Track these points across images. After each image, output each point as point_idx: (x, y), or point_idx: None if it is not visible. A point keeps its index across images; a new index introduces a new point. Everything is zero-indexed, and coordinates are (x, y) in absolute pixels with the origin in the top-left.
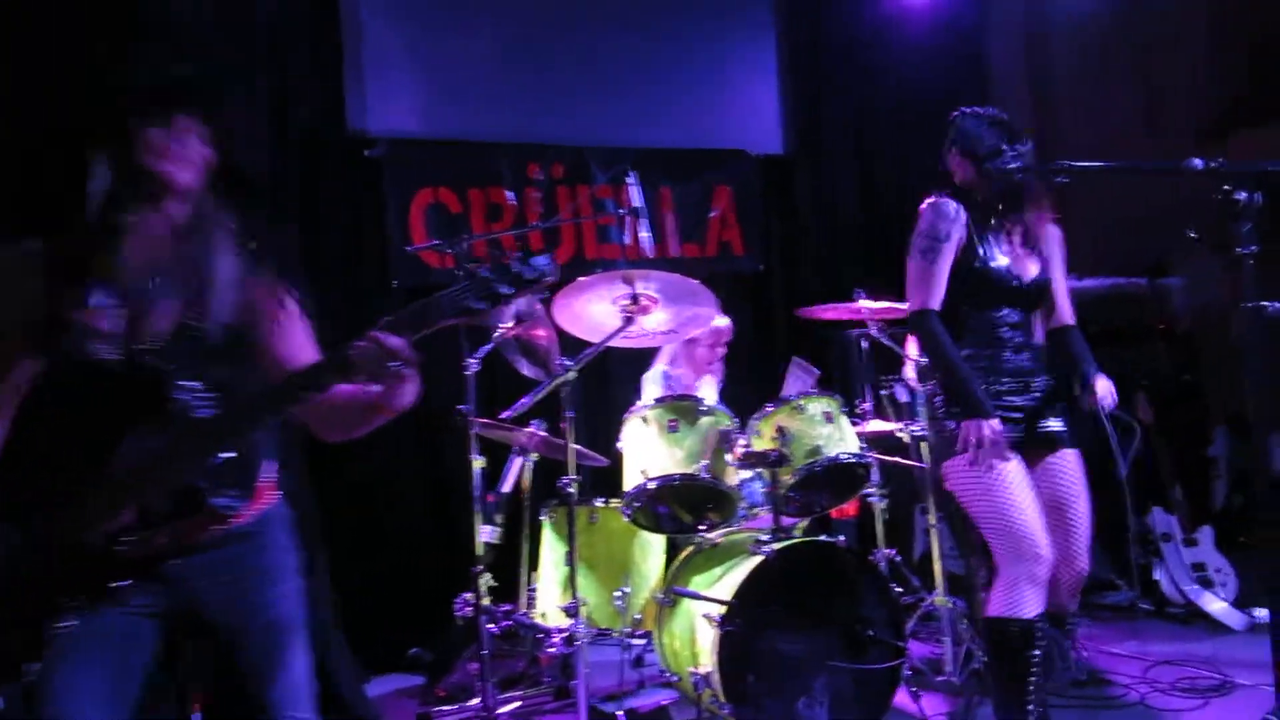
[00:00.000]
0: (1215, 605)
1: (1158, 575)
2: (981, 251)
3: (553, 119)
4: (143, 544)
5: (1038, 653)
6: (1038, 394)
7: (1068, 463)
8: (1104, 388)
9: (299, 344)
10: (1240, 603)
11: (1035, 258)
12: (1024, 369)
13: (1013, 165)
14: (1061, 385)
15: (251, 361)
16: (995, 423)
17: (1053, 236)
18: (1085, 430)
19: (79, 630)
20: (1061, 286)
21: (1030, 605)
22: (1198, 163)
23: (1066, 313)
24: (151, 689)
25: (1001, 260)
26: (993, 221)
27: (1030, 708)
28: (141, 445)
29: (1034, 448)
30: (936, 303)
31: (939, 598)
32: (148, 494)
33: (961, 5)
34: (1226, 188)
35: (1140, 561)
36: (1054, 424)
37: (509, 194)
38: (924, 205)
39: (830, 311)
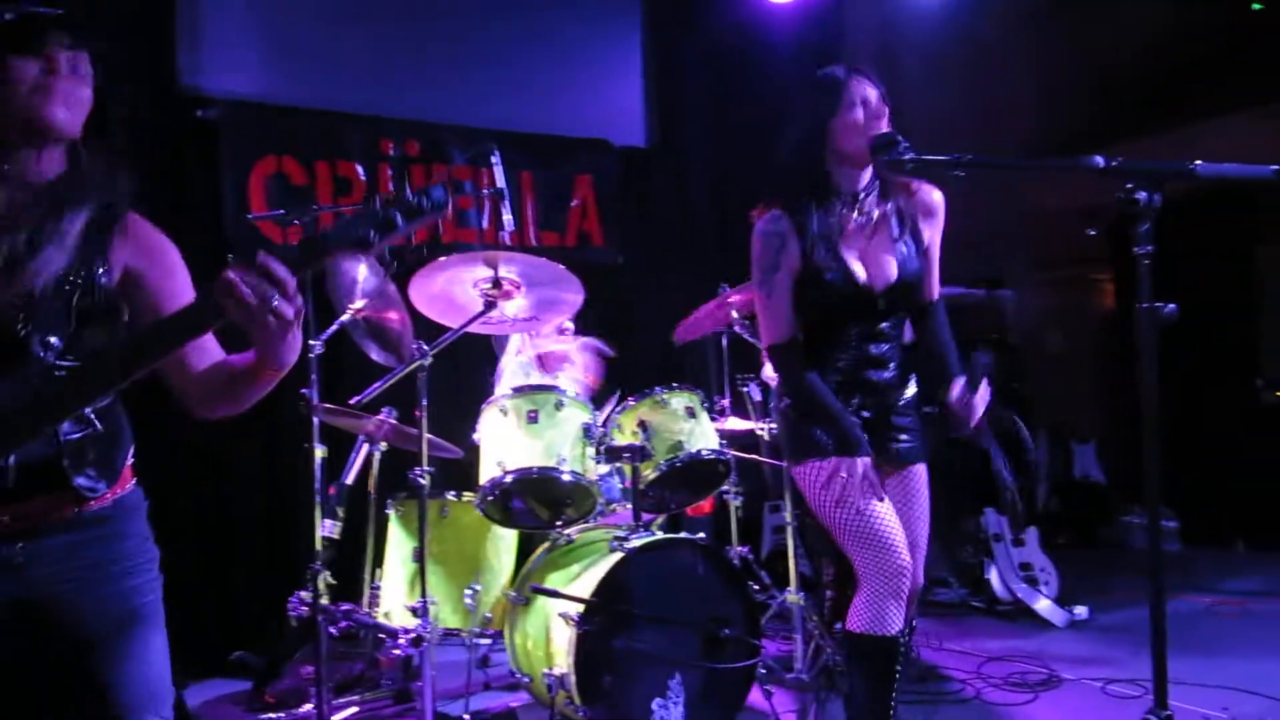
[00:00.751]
0: (1041, 603)
1: (989, 574)
2: (825, 263)
3: (410, 94)
4: None
5: (900, 667)
6: (895, 410)
7: (916, 479)
8: (957, 387)
9: (179, 304)
10: (1060, 600)
11: (897, 252)
12: (882, 383)
13: (907, 157)
14: (922, 394)
15: (127, 324)
16: (867, 460)
17: (933, 202)
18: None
19: None
20: (933, 262)
21: (894, 620)
22: (1099, 160)
23: (930, 289)
24: None
25: (852, 269)
26: (845, 219)
27: (891, 717)
28: None
29: (884, 462)
30: (786, 334)
31: (790, 595)
32: None
33: (821, 12)
34: (1129, 186)
35: (971, 560)
36: (905, 438)
37: (359, 168)
38: (755, 228)
39: (701, 324)
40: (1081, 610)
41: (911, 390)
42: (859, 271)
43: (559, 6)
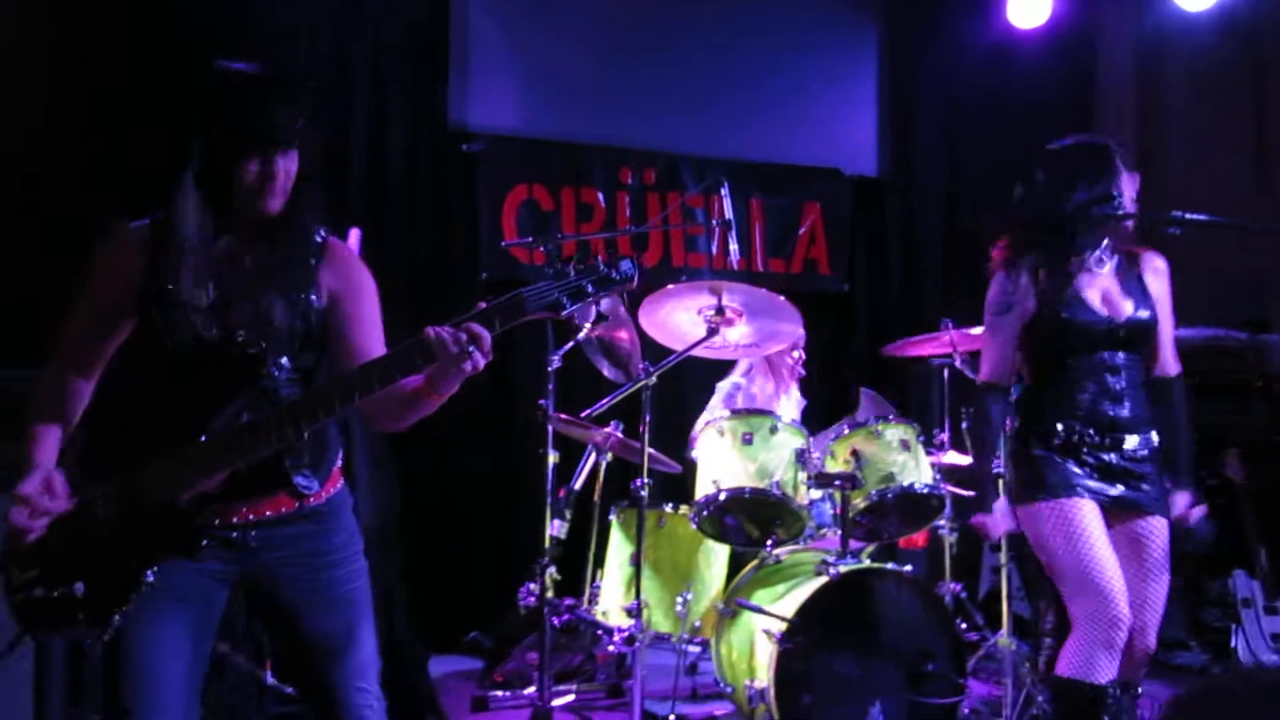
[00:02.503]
0: None
1: (1235, 641)
2: (1062, 300)
3: (648, 124)
4: (226, 512)
5: (1107, 718)
6: (1133, 453)
7: (1153, 533)
8: (1180, 505)
9: (372, 333)
10: None
11: (1133, 295)
12: (1116, 420)
13: (1120, 213)
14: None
15: (332, 347)
16: (1093, 506)
17: (1156, 268)
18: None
19: (160, 587)
20: (1166, 328)
21: (1104, 670)
22: None
23: (1168, 362)
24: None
25: (1087, 306)
26: (1085, 261)
27: None
28: (233, 417)
29: (1117, 510)
30: (998, 375)
31: (1003, 639)
32: (235, 464)
33: (1072, 39)
34: None
35: (1217, 624)
36: (1145, 487)
37: (600, 195)
38: (995, 272)
39: (915, 347)
40: None
41: (1154, 439)
42: (1098, 306)
43: (797, 39)
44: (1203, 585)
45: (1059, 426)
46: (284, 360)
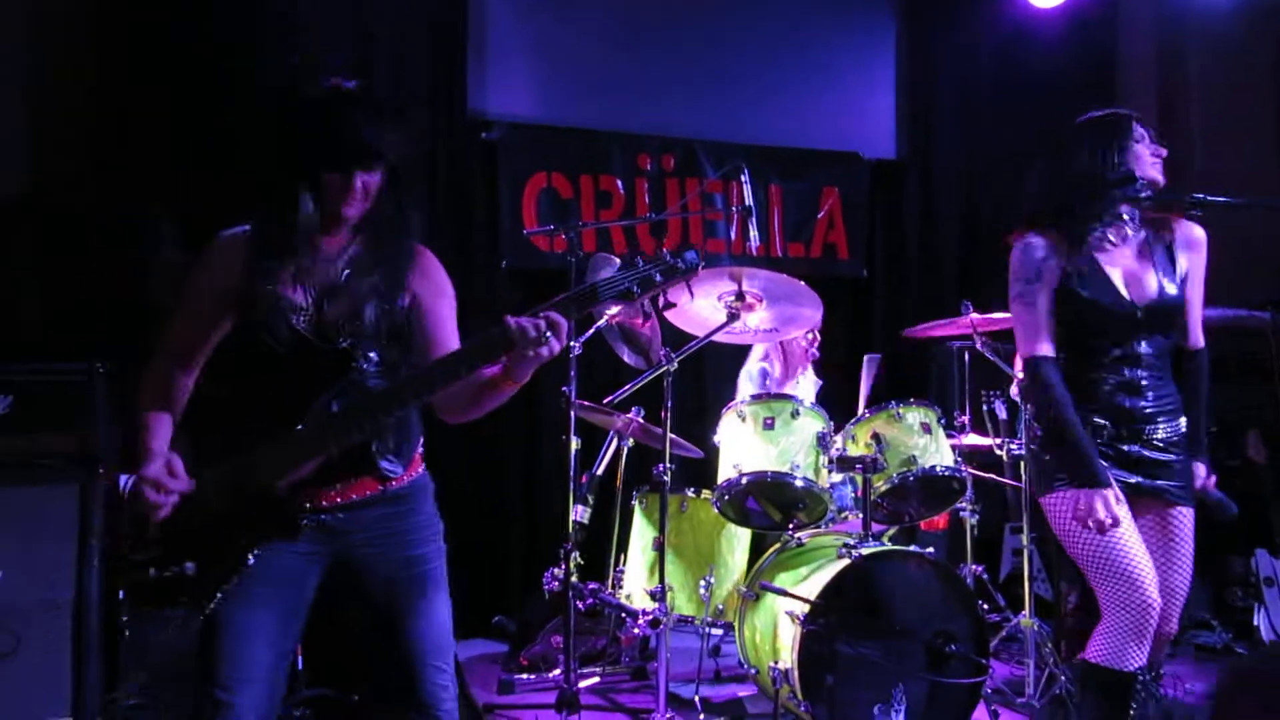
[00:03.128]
0: None
1: (1257, 620)
2: (1087, 278)
3: (665, 110)
4: (316, 495)
5: (1135, 705)
6: (1158, 444)
7: (1181, 521)
8: (1199, 476)
9: (451, 331)
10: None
11: (1159, 270)
12: (1138, 414)
13: (1144, 195)
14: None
15: (416, 342)
16: (1110, 494)
17: (1193, 239)
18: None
19: (257, 569)
20: (1196, 302)
21: (1133, 658)
22: None
23: (1195, 335)
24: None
25: (1108, 288)
26: (1107, 241)
27: None
28: (325, 406)
29: (1145, 498)
30: (1047, 348)
31: (1025, 619)
32: (329, 450)
33: (1092, 19)
34: None
35: (1240, 604)
36: (1170, 476)
37: (619, 182)
38: (1014, 247)
39: (937, 329)
40: None
41: (1181, 426)
42: (1120, 286)
43: (814, 22)
44: (1225, 565)
45: (1082, 418)
46: (372, 354)
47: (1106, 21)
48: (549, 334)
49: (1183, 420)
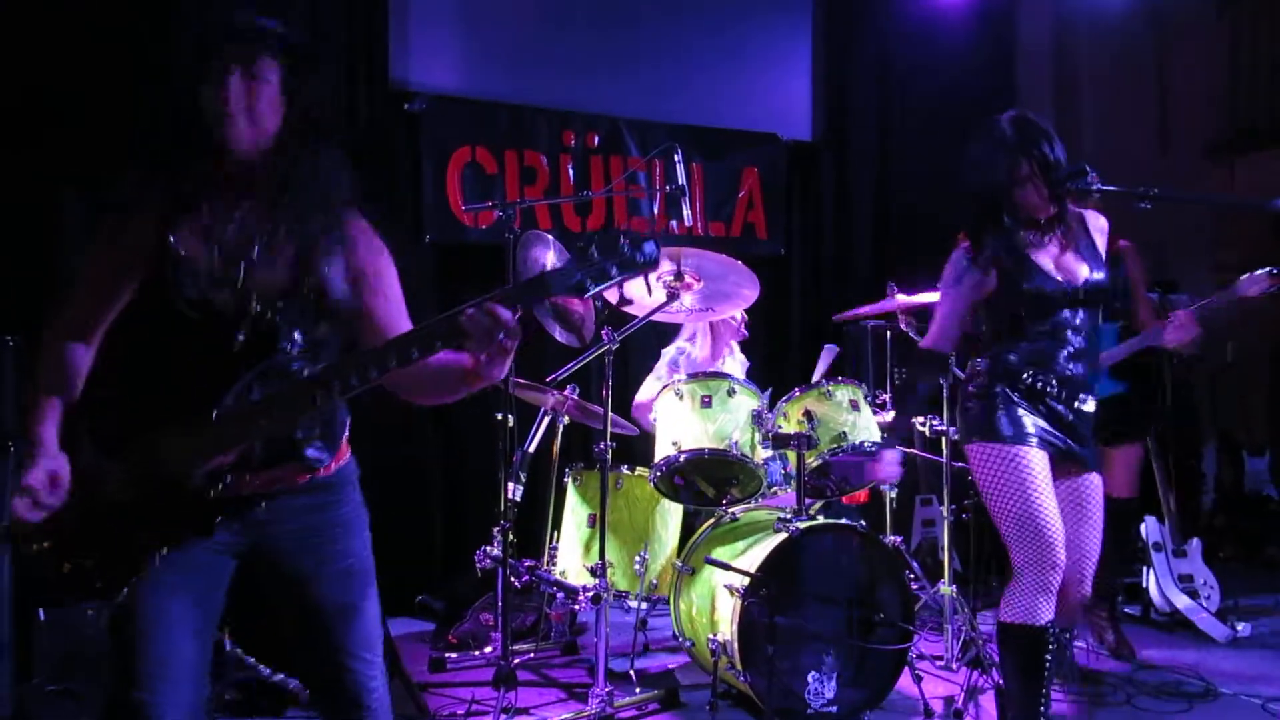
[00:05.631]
0: (1200, 616)
1: (1145, 582)
2: (1021, 272)
3: (590, 87)
4: (237, 485)
5: (1050, 657)
6: (1081, 409)
7: (1093, 488)
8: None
9: (394, 306)
10: (1222, 615)
11: (1086, 258)
12: (1074, 377)
13: (1095, 187)
14: (1109, 406)
15: (350, 320)
16: (1041, 454)
17: (1099, 226)
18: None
19: (169, 560)
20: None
21: (1045, 612)
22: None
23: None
24: None
25: (1045, 275)
26: (1038, 235)
27: (1042, 710)
28: (244, 392)
29: (1063, 463)
30: (941, 344)
31: (944, 587)
32: (250, 440)
33: (995, 14)
34: None
35: (1130, 567)
36: (1086, 445)
37: (543, 158)
38: (954, 251)
39: (866, 310)
40: (1244, 627)
41: (1093, 404)
42: (1054, 274)
43: (735, 3)
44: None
45: (1025, 375)
46: (296, 334)
47: (1007, 14)
48: (494, 329)
49: (1093, 401)
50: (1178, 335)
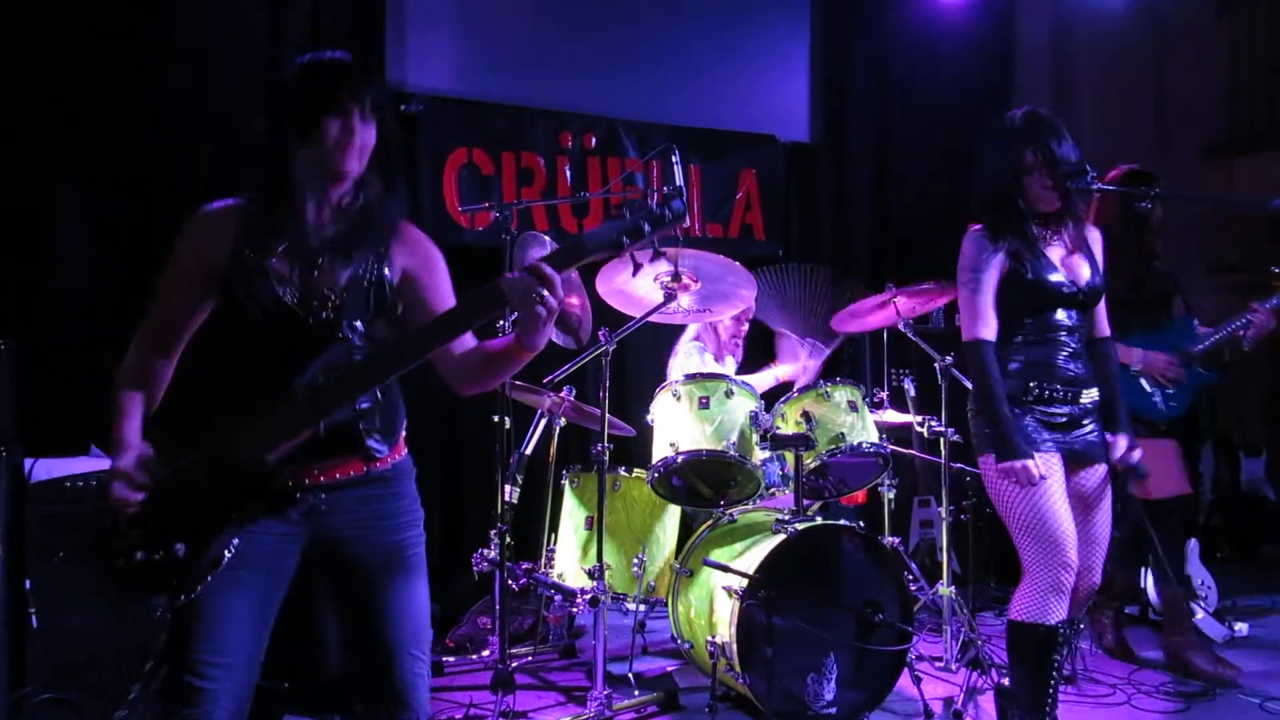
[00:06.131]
0: (1198, 616)
1: (1145, 583)
2: (1032, 264)
3: (588, 88)
4: (299, 473)
5: (1059, 657)
6: (1085, 405)
7: (1099, 478)
8: (1121, 447)
9: (447, 298)
10: (1219, 614)
11: (1088, 262)
12: (1076, 377)
13: (1095, 186)
14: (1103, 395)
15: (413, 316)
16: (1031, 463)
17: (1095, 238)
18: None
19: (240, 551)
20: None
21: (1056, 612)
22: None
23: (1104, 324)
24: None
25: (1054, 268)
26: (1046, 232)
27: (1049, 708)
28: (310, 380)
29: (1074, 460)
30: (988, 332)
31: (943, 588)
32: (314, 424)
33: (993, 15)
34: None
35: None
36: (1092, 437)
37: (541, 159)
38: (966, 236)
39: (867, 314)
40: (1242, 627)
41: (1097, 394)
42: (1060, 271)
43: (734, 5)
44: (1113, 532)
45: (1030, 383)
46: (358, 324)
47: (1006, 15)
48: (542, 289)
49: (1096, 390)
50: (1266, 322)
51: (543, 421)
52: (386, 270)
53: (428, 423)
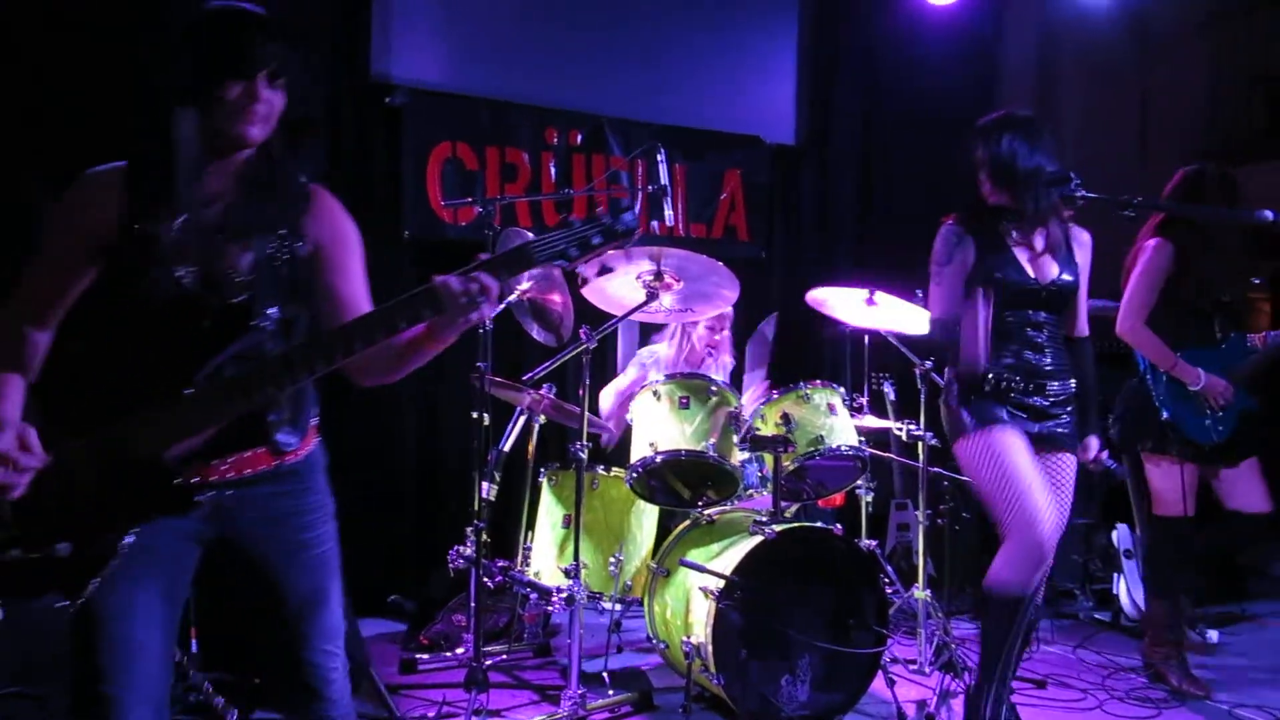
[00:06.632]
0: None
1: (1116, 589)
2: (995, 260)
3: (574, 85)
4: (205, 469)
5: (1017, 625)
6: (1052, 397)
7: (1064, 465)
8: (1093, 448)
9: (359, 284)
10: (1191, 622)
11: (1058, 261)
12: (1042, 370)
13: (1079, 194)
14: (1078, 391)
15: (316, 298)
16: (1017, 433)
17: (1083, 241)
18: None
19: (134, 550)
20: (1083, 295)
21: (1026, 585)
22: (1269, 214)
23: (1082, 325)
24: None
25: (1018, 267)
26: (1017, 230)
27: (1000, 674)
28: (217, 371)
29: (1038, 443)
30: (948, 311)
31: (918, 591)
32: (222, 420)
33: (979, 21)
34: None
35: (1100, 574)
36: (1060, 428)
37: (525, 155)
38: (940, 228)
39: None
40: (1213, 634)
41: (1071, 385)
42: (1027, 268)
43: (721, 5)
44: (1090, 538)
45: (989, 375)
46: (271, 310)
47: (992, 21)
48: (479, 297)
49: (1072, 381)
50: None
51: (522, 418)
52: (300, 244)
53: (405, 418)
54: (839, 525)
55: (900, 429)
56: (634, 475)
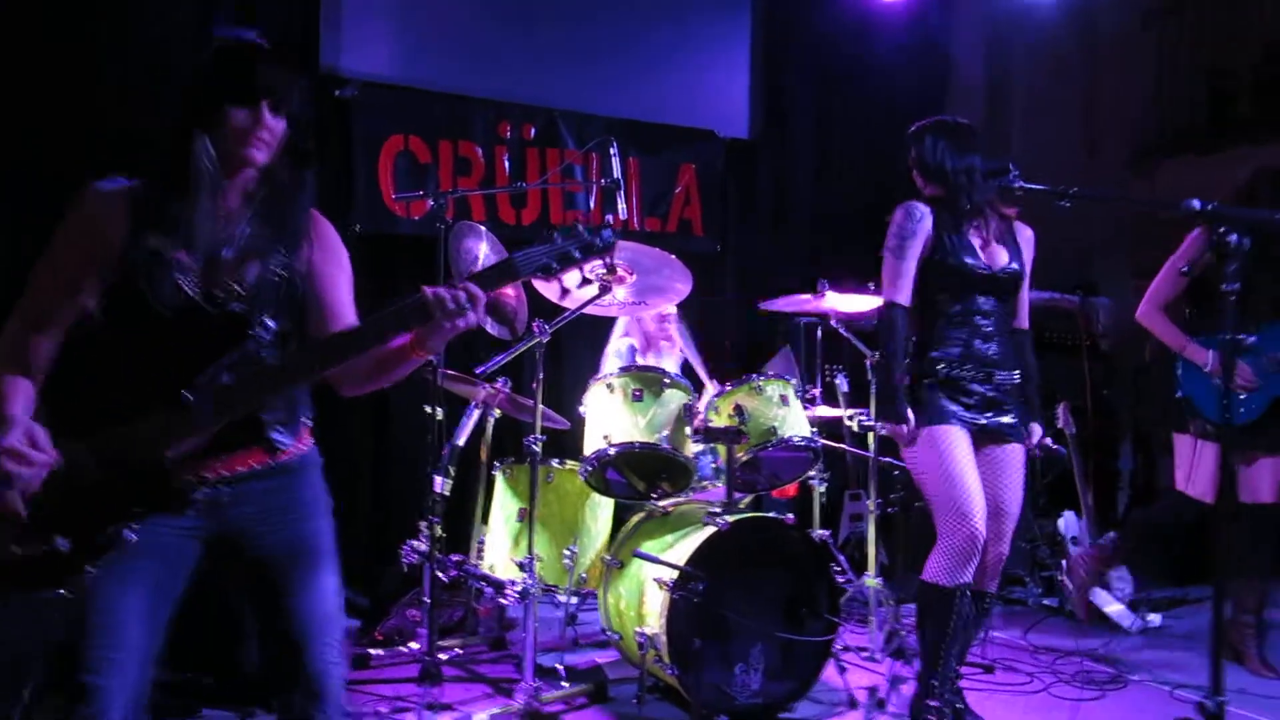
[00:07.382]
0: (1113, 607)
1: (1062, 576)
2: (952, 247)
3: (528, 78)
4: (201, 466)
5: (956, 615)
6: (999, 386)
7: (1012, 456)
8: (1036, 435)
9: (345, 298)
10: (1134, 606)
11: (1008, 250)
12: (989, 358)
13: (1017, 185)
14: (1020, 381)
15: (309, 312)
16: (905, 427)
17: (1026, 237)
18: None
19: (133, 545)
20: (1024, 288)
21: (959, 576)
22: (1195, 203)
23: (1023, 317)
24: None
25: (973, 252)
26: (965, 221)
27: (942, 666)
28: (215, 377)
29: (984, 436)
30: (904, 297)
31: (870, 579)
32: (220, 423)
33: (929, 16)
34: (1221, 230)
35: (1049, 561)
36: (1007, 419)
37: (479, 149)
38: (898, 207)
39: (796, 305)
40: (1155, 617)
41: (1016, 376)
42: (979, 253)
43: (673, 1)
44: (1035, 526)
45: (939, 366)
46: (269, 322)
47: (942, 14)
48: (467, 305)
49: (1016, 372)
50: None
51: (477, 413)
52: (296, 262)
53: (357, 413)
54: (792, 515)
55: (851, 419)
56: (588, 468)
